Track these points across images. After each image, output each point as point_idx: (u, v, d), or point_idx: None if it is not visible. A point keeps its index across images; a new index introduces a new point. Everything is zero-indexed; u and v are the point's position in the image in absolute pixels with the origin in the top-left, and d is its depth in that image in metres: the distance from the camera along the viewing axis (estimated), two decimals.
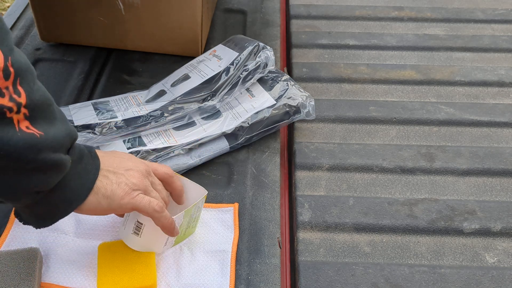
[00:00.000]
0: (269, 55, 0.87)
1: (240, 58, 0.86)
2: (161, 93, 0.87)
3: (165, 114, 0.81)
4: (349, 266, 0.69)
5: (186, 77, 0.89)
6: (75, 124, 0.80)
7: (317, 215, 0.76)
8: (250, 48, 0.87)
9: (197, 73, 0.88)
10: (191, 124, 0.83)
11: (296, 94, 0.87)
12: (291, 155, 0.87)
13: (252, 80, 0.86)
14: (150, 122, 0.81)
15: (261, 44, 0.88)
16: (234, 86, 0.85)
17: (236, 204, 0.75)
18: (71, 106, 0.85)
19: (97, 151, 0.61)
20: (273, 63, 0.88)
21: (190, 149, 0.80)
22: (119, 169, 0.61)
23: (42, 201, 0.54)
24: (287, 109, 0.85)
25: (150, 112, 0.82)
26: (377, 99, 0.98)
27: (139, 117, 0.81)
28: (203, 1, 0.97)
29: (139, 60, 1.04)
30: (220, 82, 0.84)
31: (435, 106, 0.95)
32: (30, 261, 0.63)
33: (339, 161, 0.84)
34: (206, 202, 0.75)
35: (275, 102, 0.85)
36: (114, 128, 0.80)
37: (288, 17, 1.22)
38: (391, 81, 1.02)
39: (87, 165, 0.58)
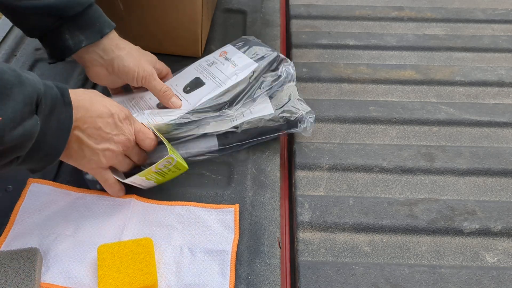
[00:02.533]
0: (290, 71, 0.86)
1: (259, 68, 0.84)
2: None
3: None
4: (349, 266, 0.69)
5: (198, 82, 0.86)
6: None
7: (317, 215, 0.76)
8: (269, 59, 0.85)
9: (211, 79, 0.85)
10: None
11: (297, 108, 0.84)
12: (291, 155, 0.87)
13: (269, 93, 0.85)
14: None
15: (281, 55, 0.86)
16: (253, 100, 0.84)
17: (237, 205, 0.75)
18: None
19: (72, 93, 0.61)
20: (294, 78, 0.86)
21: (180, 142, 0.80)
22: (97, 140, 0.65)
23: (25, 161, 0.58)
24: (284, 121, 0.83)
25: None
26: (377, 99, 0.98)
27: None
28: (203, 1, 0.97)
29: None
30: (239, 93, 0.82)
31: (435, 106, 0.95)
32: (30, 261, 0.63)
33: (339, 161, 0.84)
34: (206, 203, 0.75)
35: (273, 112, 0.83)
36: None
37: (288, 17, 1.22)
38: (391, 81, 1.02)
39: (60, 115, 0.59)
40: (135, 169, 0.74)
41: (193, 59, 1.00)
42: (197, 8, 0.96)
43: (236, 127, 0.81)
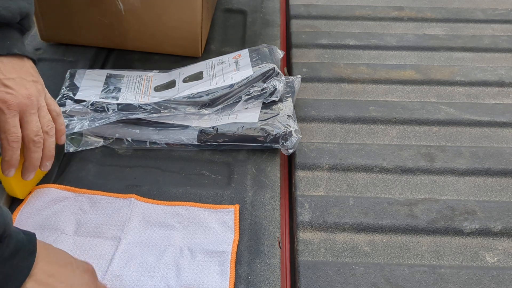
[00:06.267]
0: (278, 87, 0.85)
1: (251, 77, 0.85)
2: (171, 84, 0.89)
3: (158, 110, 0.83)
4: (349, 266, 0.69)
5: (198, 76, 0.89)
6: (75, 98, 0.84)
7: (317, 215, 0.76)
8: (263, 70, 0.86)
9: (210, 76, 0.88)
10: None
11: (283, 124, 0.82)
12: (291, 155, 0.87)
13: (253, 102, 0.86)
14: (138, 114, 0.83)
15: (277, 70, 0.86)
16: (234, 104, 0.85)
17: (237, 206, 0.75)
18: (88, 71, 0.91)
19: (40, 245, 0.55)
20: (278, 94, 0.85)
21: (160, 129, 0.82)
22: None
23: None
24: (265, 134, 0.82)
25: (144, 104, 0.84)
26: (377, 99, 0.98)
27: (133, 105, 0.84)
28: (203, 1, 0.97)
29: (139, 60, 1.04)
30: (221, 97, 0.84)
31: (435, 106, 0.95)
32: None
33: (339, 161, 0.84)
34: (206, 203, 0.75)
35: (255, 122, 0.83)
36: (108, 111, 0.83)
37: (288, 17, 1.23)
38: (391, 81, 1.02)
39: (20, 262, 0.52)
40: None
41: (193, 59, 1.00)
42: (197, 8, 0.96)
43: (214, 127, 0.82)
